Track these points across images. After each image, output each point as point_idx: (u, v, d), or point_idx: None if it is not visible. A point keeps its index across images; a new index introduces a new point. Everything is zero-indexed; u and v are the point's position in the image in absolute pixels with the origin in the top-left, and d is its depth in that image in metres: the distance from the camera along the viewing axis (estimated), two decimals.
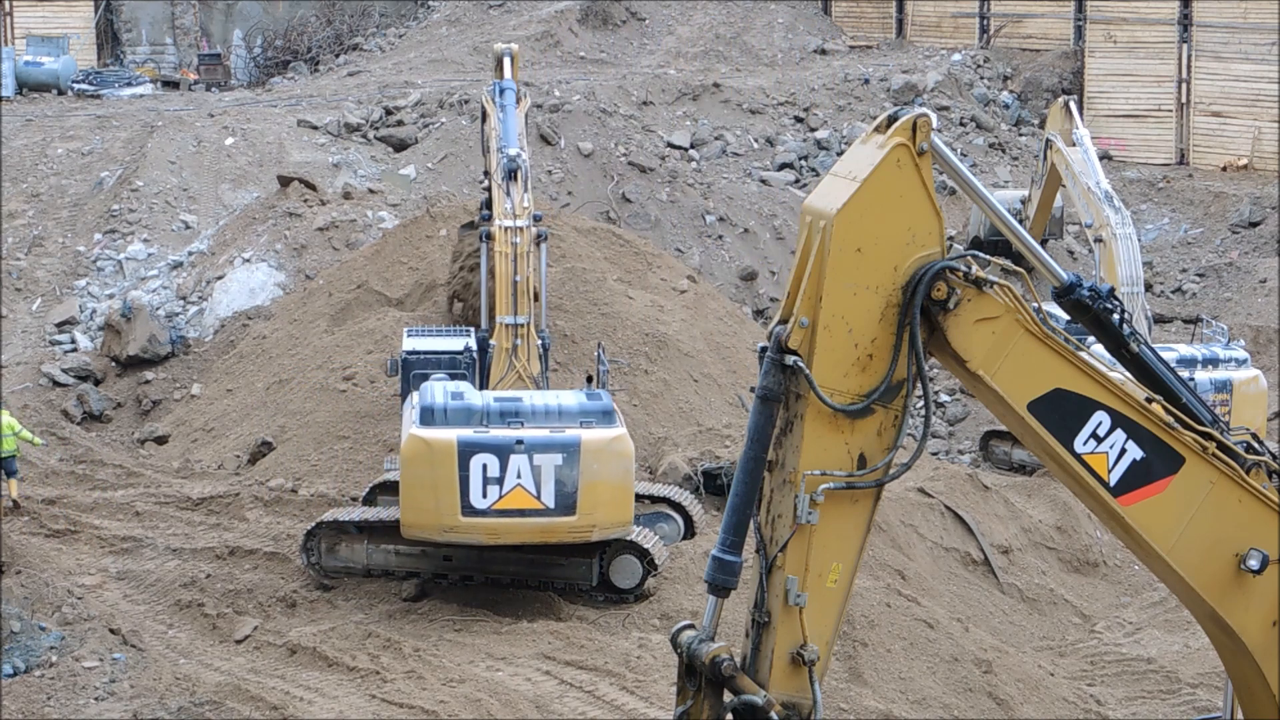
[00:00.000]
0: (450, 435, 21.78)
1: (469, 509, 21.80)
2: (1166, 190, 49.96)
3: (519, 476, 21.80)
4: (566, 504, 21.92)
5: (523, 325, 23.76)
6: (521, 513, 21.88)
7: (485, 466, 21.73)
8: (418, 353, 24.58)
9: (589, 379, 23.74)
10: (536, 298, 25.06)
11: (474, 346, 24.44)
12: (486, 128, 27.70)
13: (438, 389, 22.51)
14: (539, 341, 24.27)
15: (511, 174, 24.49)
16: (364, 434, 28.56)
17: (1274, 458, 10.73)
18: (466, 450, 21.73)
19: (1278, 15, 49.87)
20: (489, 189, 30.64)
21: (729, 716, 10.05)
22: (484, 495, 21.80)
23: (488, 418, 21.98)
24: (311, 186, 38.86)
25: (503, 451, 21.77)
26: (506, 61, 26.79)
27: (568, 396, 22.69)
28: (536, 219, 24.46)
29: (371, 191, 40.53)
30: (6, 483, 26.19)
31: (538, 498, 21.87)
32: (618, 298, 32.45)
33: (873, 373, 10.04)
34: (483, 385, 24.00)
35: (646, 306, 32.64)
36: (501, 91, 26.36)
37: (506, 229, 24.02)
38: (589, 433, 22.02)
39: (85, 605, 22.22)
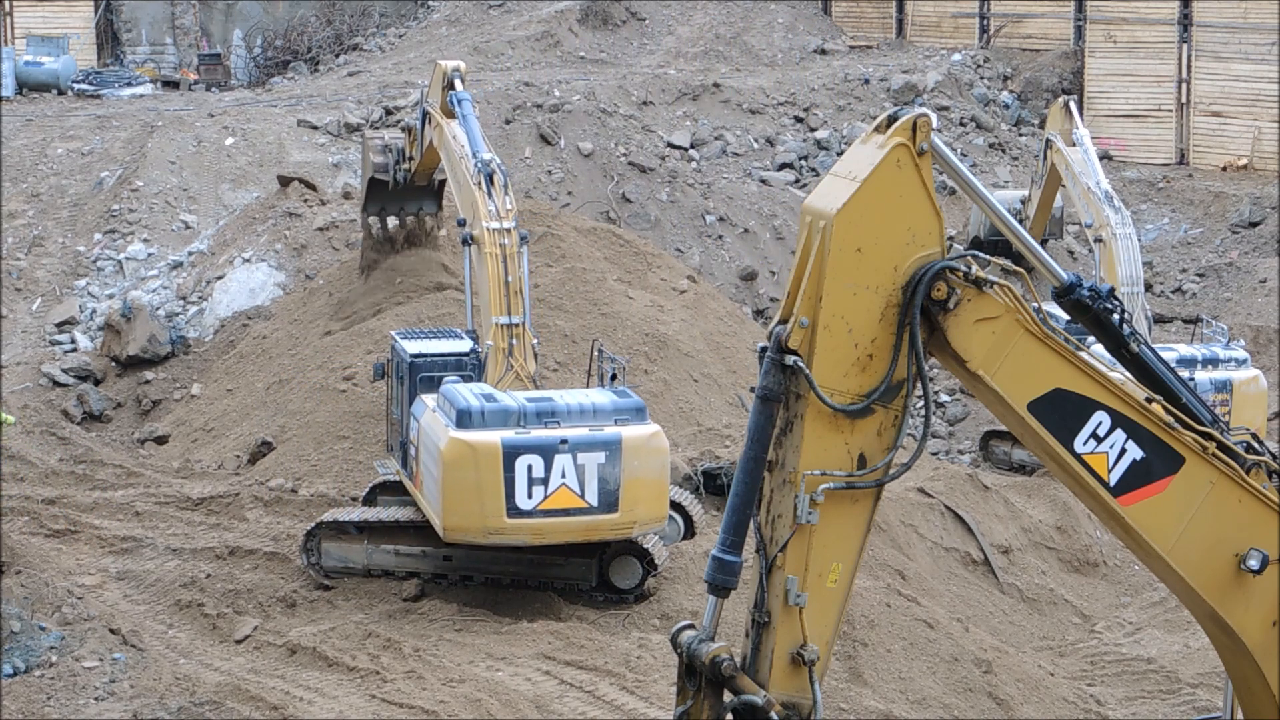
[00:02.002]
0: (493, 437, 21.81)
1: (514, 510, 21.85)
2: (1166, 190, 49.96)
3: (563, 476, 21.89)
4: (609, 501, 22.03)
5: (517, 325, 23.83)
6: (566, 512, 21.97)
7: (530, 467, 21.79)
8: (425, 355, 24.61)
9: (612, 377, 23.82)
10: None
11: (479, 348, 24.49)
12: (434, 135, 27.75)
13: (466, 391, 22.52)
14: (534, 341, 24.35)
15: (489, 177, 24.63)
16: (364, 434, 28.55)
17: (1274, 458, 10.73)
18: (511, 452, 21.78)
19: (1278, 15, 49.86)
20: (400, 172, 30.93)
21: (729, 716, 10.05)
22: (529, 496, 21.86)
23: (525, 418, 22.04)
24: (311, 186, 38.85)
25: (547, 452, 21.84)
26: (458, 80, 27.06)
27: (598, 395, 22.79)
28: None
29: None
30: None
31: (582, 496, 21.95)
32: (618, 298, 32.46)
33: (873, 373, 10.04)
34: None
35: (646, 306, 32.65)
36: (459, 102, 26.53)
37: (494, 231, 24.13)
38: (628, 430, 22.18)
39: (85, 605, 22.22)
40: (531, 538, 22.21)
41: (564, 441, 21.85)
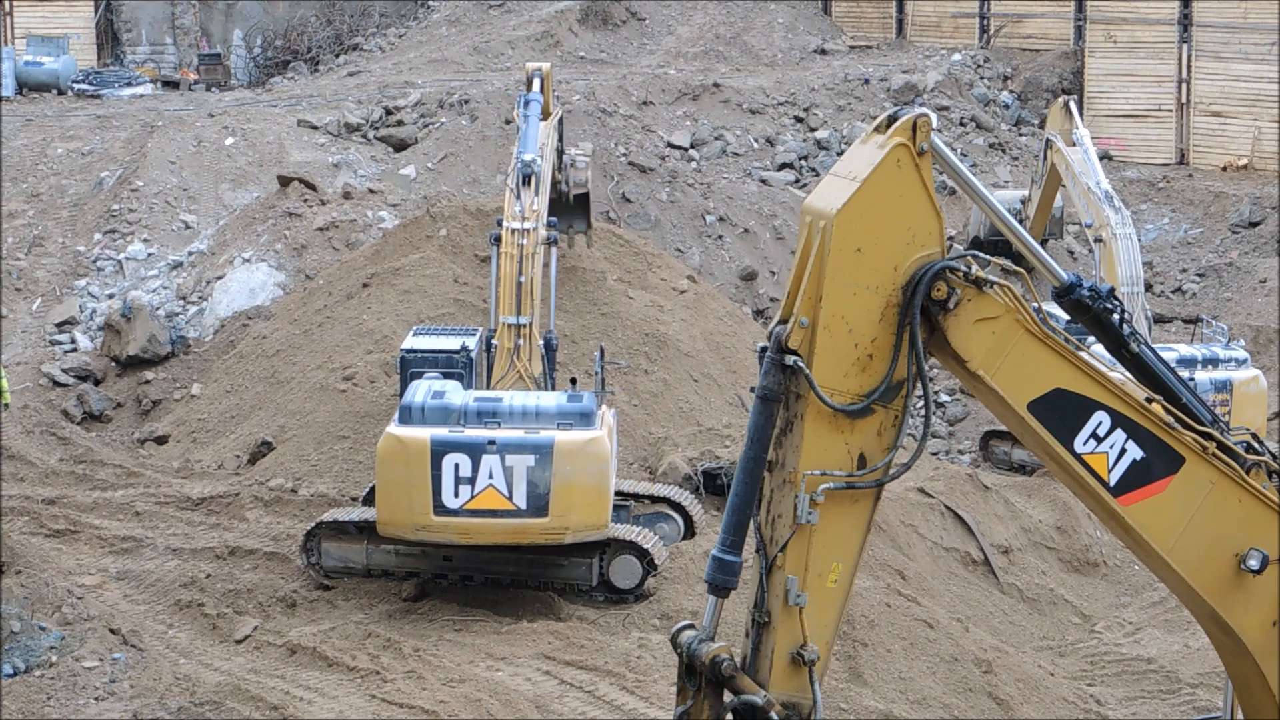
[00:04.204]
0: (424, 434, 21.88)
1: (441, 508, 21.88)
2: (1166, 190, 49.95)
3: (490, 477, 21.87)
4: (539, 505, 21.96)
5: (525, 325, 23.82)
6: (493, 513, 21.94)
7: (457, 466, 21.80)
8: (416, 351, 24.64)
9: (572, 381, 23.84)
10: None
11: (472, 346, 24.45)
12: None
13: (421, 388, 22.62)
14: (541, 342, 24.33)
15: (526, 178, 24.67)
16: (364, 434, 28.54)
17: (1274, 458, 10.73)
18: (439, 449, 21.80)
19: (1278, 15, 49.85)
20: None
21: (729, 716, 10.05)
22: (455, 495, 21.88)
23: (465, 417, 22.06)
24: (311, 186, 38.85)
25: (475, 451, 21.83)
26: (537, 81, 27.15)
27: (548, 397, 22.74)
28: (552, 224, 24.71)
29: (371, 191, 40.53)
30: None
31: (509, 498, 21.92)
32: (618, 298, 32.45)
33: (873, 373, 10.04)
34: (487, 385, 24.04)
35: (646, 306, 32.64)
36: (527, 103, 26.64)
37: (513, 231, 24.17)
38: (564, 434, 22.03)
39: (85, 605, 22.22)
40: (458, 537, 22.20)
41: (491, 442, 21.83)
